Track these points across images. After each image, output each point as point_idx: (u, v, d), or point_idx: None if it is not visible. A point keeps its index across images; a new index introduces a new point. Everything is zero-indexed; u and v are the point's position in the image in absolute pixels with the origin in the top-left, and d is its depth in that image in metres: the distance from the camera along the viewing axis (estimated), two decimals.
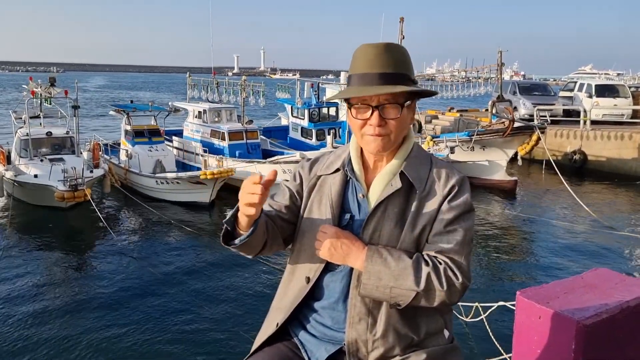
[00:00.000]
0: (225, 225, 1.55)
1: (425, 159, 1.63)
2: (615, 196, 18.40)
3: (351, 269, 1.56)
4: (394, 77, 1.51)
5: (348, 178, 1.65)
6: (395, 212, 1.55)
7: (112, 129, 28.68)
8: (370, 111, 1.53)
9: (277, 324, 1.66)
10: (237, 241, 1.53)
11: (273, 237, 1.63)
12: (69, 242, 13.16)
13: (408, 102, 1.55)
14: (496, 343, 5.88)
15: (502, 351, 5.60)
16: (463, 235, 1.52)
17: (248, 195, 1.42)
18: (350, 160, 1.66)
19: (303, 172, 1.73)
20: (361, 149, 1.65)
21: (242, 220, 1.50)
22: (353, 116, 1.57)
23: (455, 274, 1.47)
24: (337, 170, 1.66)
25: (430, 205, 1.55)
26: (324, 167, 1.70)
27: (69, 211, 14.63)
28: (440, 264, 1.48)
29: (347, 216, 1.61)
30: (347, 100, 1.59)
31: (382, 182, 1.59)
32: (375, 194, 1.58)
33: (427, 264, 1.47)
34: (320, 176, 1.69)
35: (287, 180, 1.75)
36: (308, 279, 1.62)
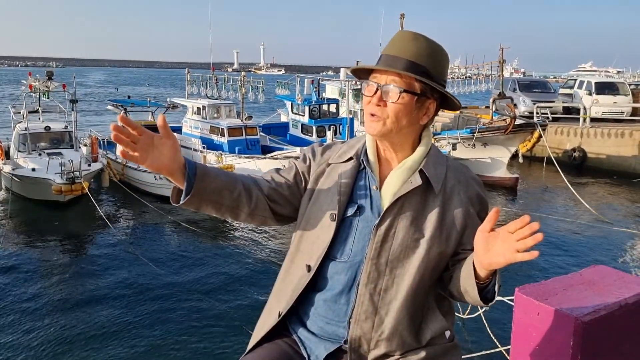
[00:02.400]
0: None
1: (441, 159, 1.62)
2: (615, 193, 18.43)
3: (359, 262, 1.54)
4: (414, 66, 1.49)
5: (361, 168, 1.62)
6: (411, 210, 1.53)
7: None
8: (375, 89, 1.52)
9: (280, 312, 1.62)
10: (181, 200, 1.46)
11: (255, 205, 1.56)
12: (67, 237, 13.16)
13: (419, 95, 1.51)
14: (493, 337, 5.91)
15: (498, 344, 5.62)
16: None
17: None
18: (365, 150, 1.63)
19: (314, 155, 1.68)
20: (377, 141, 1.62)
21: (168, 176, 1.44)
22: (363, 92, 1.56)
23: None
24: (350, 159, 1.63)
25: (456, 210, 1.55)
26: (336, 155, 1.66)
27: (67, 206, 14.63)
28: None
29: (354, 206, 1.57)
30: (366, 78, 1.59)
31: (400, 178, 1.55)
32: (391, 188, 1.55)
33: None
34: (330, 164, 1.65)
35: (297, 159, 1.71)
36: (309, 267, 1.58)
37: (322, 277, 1.59)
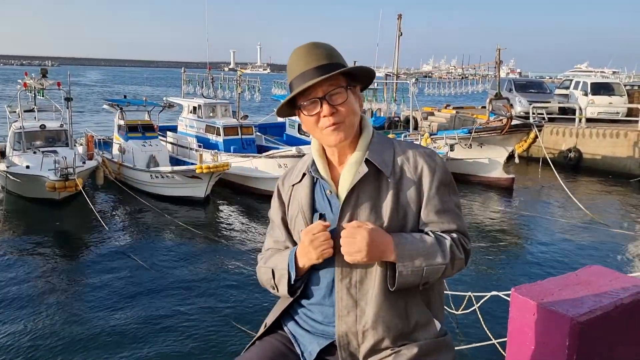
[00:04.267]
0: (290, 277, 1.61)
1: (387, 143, 1.65)
2: (610, 194, 18.49)
3: (334, 264, 1.58)
4: (330, 66, 1.54)
5: (315, 179, 1.66)
6: (367, 199, 1.57)
7: (109, 124, 28.59)
8: (319, 104, 1.55)
9: (266, 324, 1.71)
10: (298, 284, 1.63)
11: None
12: (61, 236, 13.11)
13: (350, 87, 1.58)
14: (487, 331, 5.93)
15: (492, 336, 5.65)
16: (458, 208, 1.61)
17: (322, 244, 1.52)
18: (313, 161, 1.67)
19: (281, 189, 1.76)
20: (322, 148, 1.66)
21: (304, 269, 1.60)
22: (305, 115, 1.59)
23: (466, 242, 1.59)
24: (304, 175, 1.68)
25: (408, 188, 1.57)
26: (294, 176, 1.72)
27: (62, 204, 14.59)
28: (454, 235, 1.57)
29: (317, 216, 1.62)
30: (295, 106, 1.62)
31: (349, 173, 1.60)
32: (344, 186, 1.59)
33: (445, 237, 1.55)
34: (293, 185, 1.71)
35: (270, 209, 1.79)
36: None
37: (307, 285, 1.66)
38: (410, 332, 1.56)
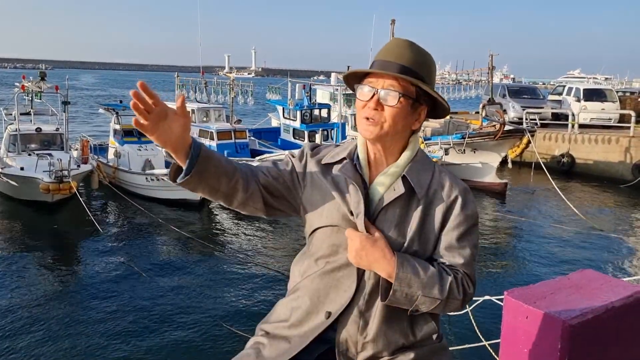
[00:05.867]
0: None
1: (428, 165, 1.62)
2: (602, 199, 18.60)
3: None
4: (406, 69, 1.52)
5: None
6: (395, 216, 1.55)
7: (102, 129, 28.46)
8: (372, 94, 1.53)
9: (330, 312, 1.56)
10: (179, 179, 1.45)
11: (250, 196, 1.56)
12: (54, 239, 13.05)
13: (414, 100, 1.54)
14: (479, 334, 5.96)
15: (484, 340, 5.68)
16: (473, 250, 1.56)
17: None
18: (357, 154, 1.63)
19: (311, 154, 1.68)
20: (367, 145, 1.62)
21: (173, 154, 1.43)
22: (357, 96, 1.58)
23: (469, 285, 1.53)
24: (343, 159, 1.63)
25: (435, 214, 1.56)
26: (330, 156, 1.66)
27: (56, 207, 14.53)
28: (458, 274, 1.52)
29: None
30: (358, 83, 1.59)
31: (384, 184, 1.57)
32: (376, 194, 1.57)
33: (448, 273, 1.51)
34: (325, 164, 1.64)
35: (293, 157, 1.69)
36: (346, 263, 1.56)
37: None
38: (412, 344, 1.57)
